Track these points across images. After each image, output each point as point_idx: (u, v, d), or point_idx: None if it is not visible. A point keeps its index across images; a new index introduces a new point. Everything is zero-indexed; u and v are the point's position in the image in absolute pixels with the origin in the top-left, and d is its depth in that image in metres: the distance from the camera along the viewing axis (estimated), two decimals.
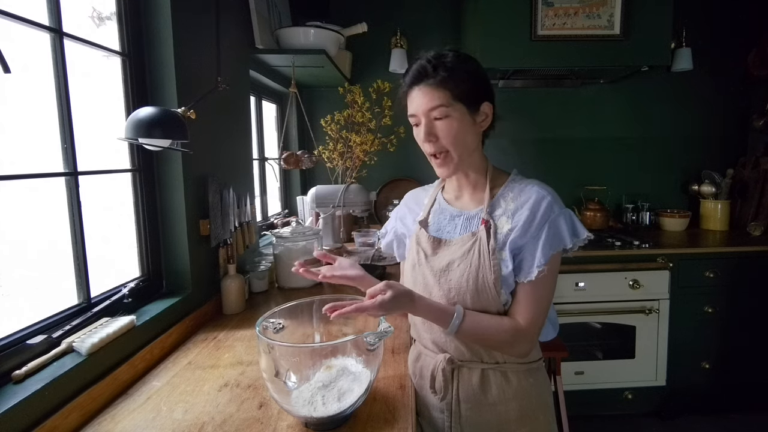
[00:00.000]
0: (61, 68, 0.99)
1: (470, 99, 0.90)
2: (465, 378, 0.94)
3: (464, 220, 0.97)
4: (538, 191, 0.90)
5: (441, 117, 0.88)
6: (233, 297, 1.41)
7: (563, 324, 2.11)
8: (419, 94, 0.89)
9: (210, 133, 1.44)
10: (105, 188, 1.18)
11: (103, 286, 1.12)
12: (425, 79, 0.89)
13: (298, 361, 0.81)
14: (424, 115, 0.90)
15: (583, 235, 0.88)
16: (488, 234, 0.90)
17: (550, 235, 0.87)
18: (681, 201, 2.73)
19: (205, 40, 1.42)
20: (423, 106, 0.89)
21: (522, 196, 0.91)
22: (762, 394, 2.24)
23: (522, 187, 0.93)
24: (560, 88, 2.65)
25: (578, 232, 0.88)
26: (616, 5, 2.09)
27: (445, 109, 0.88)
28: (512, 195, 0.93)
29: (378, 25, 2.43)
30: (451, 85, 0.87)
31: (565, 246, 0.87)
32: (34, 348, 0.86)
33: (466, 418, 0.94)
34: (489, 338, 0.89)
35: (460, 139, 0.90)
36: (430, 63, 0.89)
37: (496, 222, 0.91)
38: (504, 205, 0.93)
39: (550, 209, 0.88)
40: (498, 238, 0.90)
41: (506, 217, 0.91)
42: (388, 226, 1.15)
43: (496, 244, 0.89)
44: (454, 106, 0.88)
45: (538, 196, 0.89)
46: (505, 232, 0.90)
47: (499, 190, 0.96)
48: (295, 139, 2.59)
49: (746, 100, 2.65)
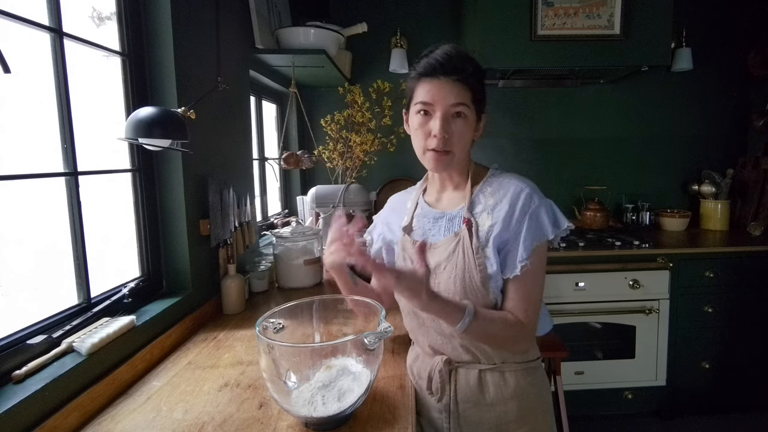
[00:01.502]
0: (61, 68, 0.99)
1: (480, 106, 0.90)
2: (462, 379, 0.93)
3: (447, 221, 0.95)
4: (516, 184, 0.89)
5: (459, 115, 0.87)
6: (233, 297, 1.41)
7: (563, 324, 2.12)
8: (445, 85, 0.85)
9: (210, 133, 1.44)
10: (105, 188, 1.18)
11: (103, 286, 1.12)
12: (454, 72, 0.85)
13: (298, 361, 0.81)
14: (444, 109, 0.86)
15: (564, 225, 0.86)
16: (470, 233, 0.88)
17: (532, 227, 0.85)
18: (681, 201, 2.73)
19: (205, 40, 1.42)
20: (447, 99, 0.85)
21: (500, 191, 0.90)
22: (762, 394, 2.24)
23: (500, 181, 0.92)
24: (560, 88, 2.64)
25: (559, 222, 0.86)
26: (616, 5, 2.09)
27: (465, 108, 0.86)
28: (491, 190, 0.92)
29: (378, 25, 2.43)
30: (475, 86, 0.87)
31: (547, 237, 0.86)
32: (34, 348, 0.86)
33: (465, 418, 0.94)
34: (496, 335, 0.87)
35: (465, 142, 0.90)
36: (459, 57, 0.86)
37: (477, 219, 0.90)
38: (484, 201, 0.92)
39: (529, 201, 0.86)
40: (480, 235, 0.88)
41: (487, 213, 0.90)
42: (374, 233, 1.11)
43: (479, 242, 0.88)
44: (470, 108, 0.87)
45: (516, 189, 0.88)
46: (486, 228, 0.88)
47: (478, 186, 0.94)
48: (295, 139, 2.59)
49: (746, 100, 2.65)
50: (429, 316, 0.93)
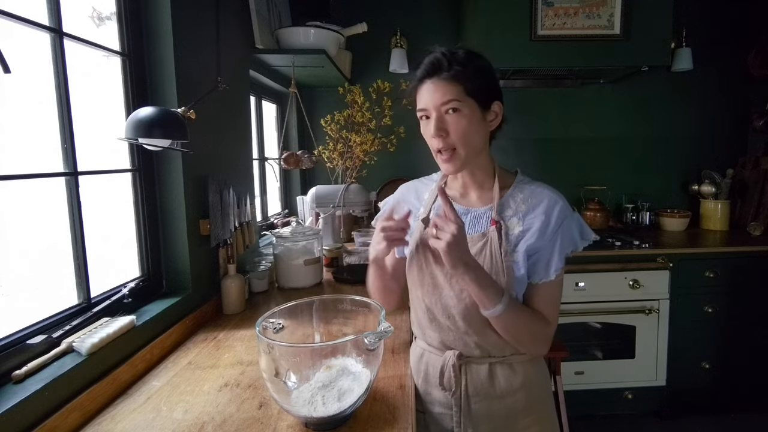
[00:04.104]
0: (61, 68, 0.99)
1: (482, 96, 0.88)
2: (473, 373, 0.94)
3: (472, 218, 0.95)
4: (551, 195, 0.91)
5: (452, 111, 0.86)
6: (233, 297, 1.41)
7: (563, 324, 2.12)
8: (431, 88, 0.87)
9: (210, 133, 1.44)
10: (105, 188, 1.18)
11: (103, 286, 1.12)
12: (439, 72, 0.86)
13: (298, 361, 0.81)
14: (435, 109, 0.87)
15: (591, 237, 0.92)
16: (499, 235, 0.89)
17: (566, 238, 0.89)
18: (681, 201, 2.73)
19: (205, 40, 1.42)
20: (435, 100, 0.86)
21: (533, 199, 0.91)
22: (762, 394, 2.24)
23: (533, 189, 0.93)
24: (560, 88, 2.64)
25: (586, 234, 0.92)
26: (616, 5, 2.09)
27: (457, 104, 0.86)
28: (522, 196, 0.93)
29: (378, 25, 2.42)
30: (465, 80, 0.86)
31: (576, 248, 0.90)
32: (34, 348, 0.86)
33: (475, 411, 0.94)
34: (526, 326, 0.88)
35: (469, 137, 0.88)
36: (444, 57, 0.86)
37: (506, 223, 0.91)
38: (514, 206, 0.92)
39: (563, 214, 0.89)
40: (509, 239, 0.89)
41: (517, 219, 0.91)
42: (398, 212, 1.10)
43: (508, 246, 0.89)
44: (467, 101, 0.86)
45: (551, 201, 0.90)
46: (517, 233, 0.90)
47: (508, 190, 0.95)
48: (295, 139, 2.59)
49: (746, 100, 2.65)
50: (443, 313, 0.93)
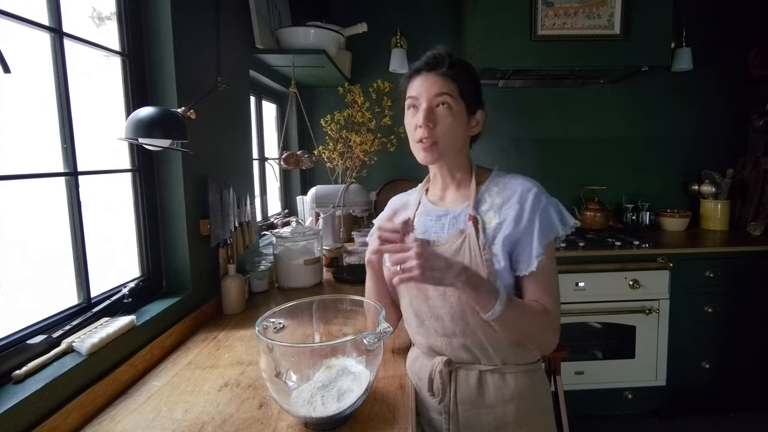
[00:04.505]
0: (61, 68, 0.99)
1: (471, 101, 0.92)
2: (462, 380, 0.94)
3: (450, 219, 0.96)
4: (524, 183, 0.91)
5: (443, 105, 0.89)
6: (233, 297, 1.41)
7: (563, 324, 2.08)
8: (428, 79, 0.90)
9: (210, 133, 1.44)
10: (105, 188, 1.18)
11: (103, 286, 1.12)
12: (438, 67, 0.90)
13: (298, 361, 0.81)
14: (427, 100, 0.89)
15: (570, 222, 0.90)
16: (476, 230, 0.89)
17: (543, 224, 0.87)
18: (681, 201, 2.73)
19: (205, 40, 1.42)
20: (429, 90, 0.89)
21: (507, 190, 0.92)
22: (762, 394, 2.24)
23: (506, 181, 0.94)
24: (560, 88, 2.64)
25: (566, 219, 0.90)
26: (616, 5, 2.09)
27: (450, 99, 0.89)
28: (497, 189, 0.93)
29: (378, 25, 2.42)
30: (461, 81, 0.90)
31: (557, 234, 0.88)
32: (34, 348, 0.86)
33: (464, 420, 0.94)
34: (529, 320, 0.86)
35: (453, 133, 0.91)
36: (446, 54, 0.90)
37: (482, 217, 0.91)
38: (490, 200, 0.93)
39: (537, 200, 0.88)
40: (487, 233, 0.90)
41: (493, 212, 0.91)
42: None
43: (486, 239, 0.89)
44: (458, 101, 0.90)
45: (524, 188, 0.90)
46: (494, 226, 0.90)
47: (484, 185, 0.96)
48: (295, 139, 2.59)
49: (746, 100, 2.65)
50: (431, 316, 0.93)
